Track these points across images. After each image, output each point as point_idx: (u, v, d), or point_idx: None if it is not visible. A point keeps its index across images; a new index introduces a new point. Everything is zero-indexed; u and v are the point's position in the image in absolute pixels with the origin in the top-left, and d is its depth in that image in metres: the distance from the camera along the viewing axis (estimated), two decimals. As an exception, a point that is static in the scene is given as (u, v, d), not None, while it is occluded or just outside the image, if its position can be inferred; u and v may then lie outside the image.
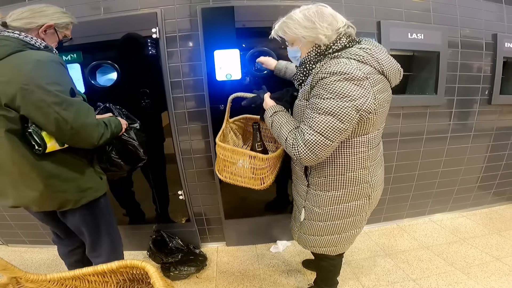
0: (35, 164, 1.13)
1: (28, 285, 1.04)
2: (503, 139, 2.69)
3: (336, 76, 0.97)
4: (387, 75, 1.07)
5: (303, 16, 1.08)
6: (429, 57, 2.23)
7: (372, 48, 1.05)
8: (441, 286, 1.87)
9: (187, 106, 2.00)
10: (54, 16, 1.17)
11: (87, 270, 0.96)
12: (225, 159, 1.43)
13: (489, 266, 2.05)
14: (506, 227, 2.60)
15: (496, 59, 2.37)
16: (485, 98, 2.49)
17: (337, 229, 1.34)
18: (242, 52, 1.84)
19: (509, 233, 2.50)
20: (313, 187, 1.28)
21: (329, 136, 1.01)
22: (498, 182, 2.88)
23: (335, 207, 1.27)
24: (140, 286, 1.01)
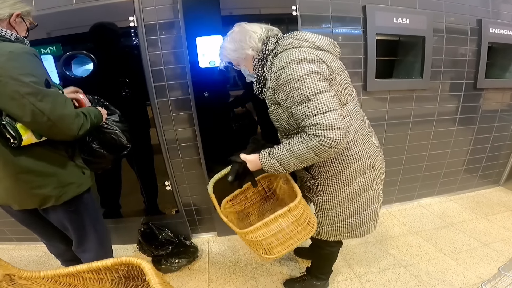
0: (10, 158, 1.10)
1: (21, 282, 1.02)
2: (488, 122, 2.74)
3: (288, 66, 1.03)
4: (324, 49, 1.13)
5: (230, 39, 1.22)
6: (415, 41, 2.23)
7: (296, 34, 1.15)
8: (431, 273, 1.90)
9: (170, 94, 1.97)
10: (17, 5, 1.14)
11: (82, 267, 0.94)
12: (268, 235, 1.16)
13: (477, 252, 2.09)
14: (493, 211, 2.66)
15: (481, 44, 2.39)
16: (470, 82, 2.52)
17: (354, 210, 1.33)
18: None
19: (495, 217, 2.55)
20: (318, 177, 1.28)
21: (333, 106, 1.00)
22: (484, 165, 2.94)
23: (345, 189, 1.27)
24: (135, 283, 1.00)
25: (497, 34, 2.39)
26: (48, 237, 1.49)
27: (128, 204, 2.23)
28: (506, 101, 2.76)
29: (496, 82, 2.63)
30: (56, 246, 1.53)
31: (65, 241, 1.47)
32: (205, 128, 2.01)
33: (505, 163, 3.04)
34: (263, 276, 1.96)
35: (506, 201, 2.84)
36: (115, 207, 2.21)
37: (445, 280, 1.82)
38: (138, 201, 2.22)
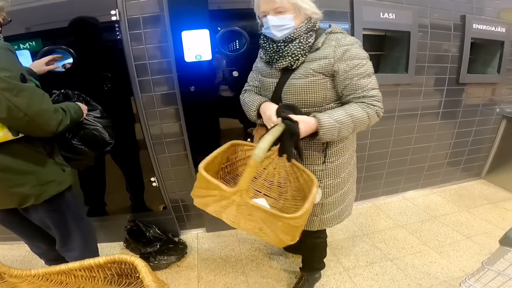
0: None
1: (12, 280, 0.99)
2: (470, 116, 2.81)
3: (355, 45, 1.13)
4: None
5: None
6: (400, 37, 2.25)
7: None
8: (417, 266, 1.94)
9: (155, 89, 1.93)
10: None
11: (73, 265, 0.92)
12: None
13: (460, 245, 2.15)
14: (475, 204, 2.74)
15: (464, 40, 2.43)
16: (453, 77, 2.57)
17: (349, 190, 1.44)
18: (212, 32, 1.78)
19: (477, 210, 2.63)
20: (330, 159, 1.30)
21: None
22: (466, 158, 3.02)
23: (349, 168, 1.38)
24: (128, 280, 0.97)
25: (480, 30, 2.44)
26: (29, 237, 1.45)
27: (113, 201, 2.19)
28: (487, 95, 2.84)
29: (478, 77, 2.69)
30: (38, 246, 1.49)
31: (47, 241, 1.44)
32: (192, 123, 1.98)
33: (486, 156, 3.14)
34: (253, 272, 1.96)
35: (487, 194, 2.93)
36: (100, 205, 2.17)
37: (430, 273, 1.87)
38: (124, 198, 2.18)
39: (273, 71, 1.25)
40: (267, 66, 1.28)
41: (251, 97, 1.32)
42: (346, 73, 1.12)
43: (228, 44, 1.84)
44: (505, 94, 2.91)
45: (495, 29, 2.50)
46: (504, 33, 2.54)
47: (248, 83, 1.45)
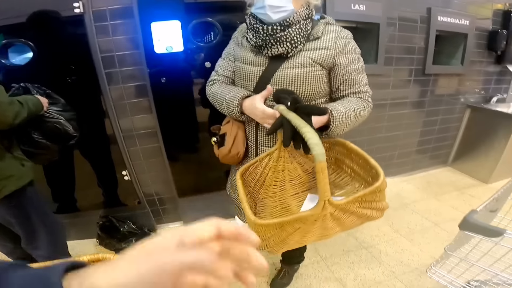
0: None
1: None
2: (435, 105, 2.93)
3: (352, 39, 1.12)
4: None
5: None
6: (370, 28, 2.31)
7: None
8: (390, 254, 2.02)
9: (124, 81, 1.87)
10: None
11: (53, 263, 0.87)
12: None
13: (430, 232, 2.25)
14: (442, 191, 2.87)
15: (430, 32, 2.52)
16: (420, 68, 2.67)
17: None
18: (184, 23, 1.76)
19: (444, 197, 2.76)
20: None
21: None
22: (433, 146, 3.16)
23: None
24: None
25: (445, 23, 2.54)
26: None
27: (85, 197, 2.13)
28: (452, 86, 2.97)
29: (443, 68, 2.82)
30: (4, 244, 1.44)
31: (12, 240, 1.39)
32: (164, 115, 1.96)
33: (452, 144, 3.30)
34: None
35: (454, 180, 3.09)
36: (70, 201, 2.10)
37: (402, 261, 1.95)
38: (96, 194, 2.12)
39: (260, 58, 1.11)
40: (252, 52, 1.13)
41: (227, 89, 1.16)
42: (346, 68, 1.08)
43: (200, 36, 1.82)
44: (468, 84, 3.06)
45: (459, 22, 2.60)
46: (468, 25, 2.66)
47: (217, 73, 1.28)
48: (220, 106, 1.19)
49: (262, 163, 1.11)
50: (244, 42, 1.15)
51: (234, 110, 1.11)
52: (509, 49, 2.93)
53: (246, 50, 1.15)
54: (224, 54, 1.28)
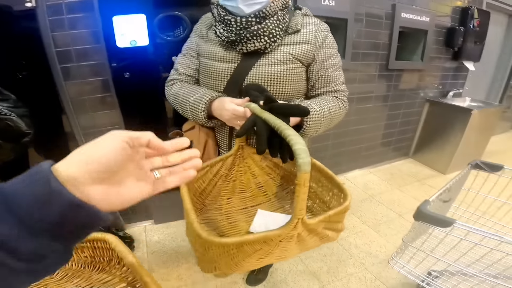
0: None
1: None
2: (398, 99, 3.06)
3: (330, 33, 1.04)
4: None
5: None
6: (339, 24, 2.33)
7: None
8: (359, 246, 2.08)
9: (83, 76, 1.75)
10: None
11: None
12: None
13: (395, 223, 2.35)
14: (405, 182, 3.02)
15: (394, 28, 2.61)
16: (384, 63, 2.76)
17: None
18: (150, 16, 1.69)
19: (407, 188, 2.91)
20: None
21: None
22: (396, 139, 3.31)
23: None
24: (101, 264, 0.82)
25: (408, 19, 2.63)
26: None
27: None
28: (413, 81, 3.11)
29: (405, 63, 2.93)
30: None
31: None
32: (129, 110, 1.88)
33: (413, 136, 3.47)
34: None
35: (415, 172, 3.25)
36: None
37: (371, 252, 2.02)
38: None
39: (231, 54, 0.98)
40: (221, 47, 1.00)
41: (191, 90, 1.00)
42: (322, 63, 1.01)
43: (168, 30, 1.76)
44: (428, 79, 3.22)
45: (420, 18, 2.71)
46: (428, 22, 2.78)
47: (177, 71, 1.11)
48: (183, 110, 1.02)
49: (212, 170, 0.97)
50: (211, 35, 1.03)
51: (200, 115, 0.95)
52: (465, 46, 3.11)
53: (214, 44, 1.01)
54: (184, 49, 1.12)
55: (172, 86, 1.09)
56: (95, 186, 0.34)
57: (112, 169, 0.35)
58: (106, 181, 0.35)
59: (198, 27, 1.09)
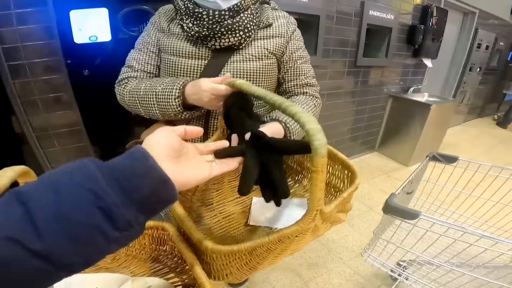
0: None
1: None
2: (364, 95, 3.13)
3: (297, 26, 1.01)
4: None
5: None
6: (312, 21, 2.31)
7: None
8: (336, 240, 2.10)
9: (34, 74, 1.58)
10: None
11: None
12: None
13: (366, 216, 2.40)
14: (373, 175, 3.11)
15: (362, 26, 2.64)
16: (352, 60, 2.80)
17: None
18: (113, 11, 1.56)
19: (375, 181, 3.00)
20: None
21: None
22: (363, 133, 3.40)
23: None
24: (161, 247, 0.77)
25: (375, 17, 2.68)
26: None
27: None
28: (378, 77, 3.19)
29: (371, 60, 2.99)
30: None
31: None
32: (89, 110, 1.73)
33: (378, 130, 3.59)
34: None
35: (381, 165, 3.37)
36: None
37: (348, 246, 2.05)
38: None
39: (201, 50, 0.89)
40: (188, 42, 0.90)
41: (155, 82, 0.87)
42: (291, 55, 0.96)
43: (134, 25, 1.65)
44: (391, 76, 3.33)
45: (386, 16, 2.78)
46: (393, 19, 2.86)
47: (131, 68, 0.97)
48: (146, 106, 0.88)
49: None
50: (174, 29, 0.92)
51: (173, 104, 0.81)
52: (424, 43, 3.24)
53: (179, 39, 0.91)
54: (140, 44, 0.98)
55: (126, 84, 0.96)
56: (169, 163, 0.39)
57: (178, 151, 0.43)
58: (175, 160, 0.42)
59: (156, 21, 0.97)
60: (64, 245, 0.30)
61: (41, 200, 0.30)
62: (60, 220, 0.30)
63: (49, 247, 0.29)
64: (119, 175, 0.34)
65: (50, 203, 0.30)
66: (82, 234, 0.31)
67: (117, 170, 0.34)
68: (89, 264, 0.33)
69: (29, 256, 0.28)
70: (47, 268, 0.30)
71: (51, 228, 0.29)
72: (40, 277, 0.30)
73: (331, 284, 1.73)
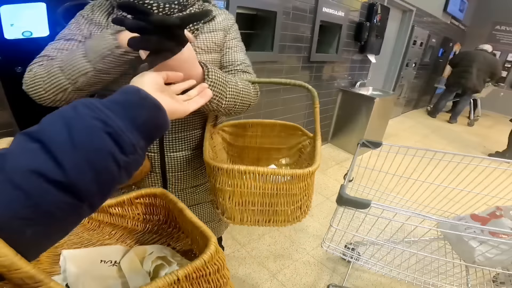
0: None
1: None
2: (317, 89, 3.14)
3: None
4: None
5: None
6: (269, 16, 2.33)
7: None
8: (298, 231, 2.18)
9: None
10: None
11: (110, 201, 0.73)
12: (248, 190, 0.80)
13: (324, 206, 2.52)
14: (327, 166, 3.27)
15: (315, 22, 2.73)
16: (306, 56, 2.89)
17: None
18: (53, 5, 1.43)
19: (329, 171, 3.16)
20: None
21: None
22: (316, 126, 3.53)
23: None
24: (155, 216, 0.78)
25: (327, 13, 2.79)
26: None
27: None
28: (329, 72, 3.35)
29: (323, 56, 3.12)
30: None
31: None
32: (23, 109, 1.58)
33: (330, 123, 3.77)
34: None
35: (334, 155, 3.56)
36: None
37: (310, 237, 2.14)
38: None
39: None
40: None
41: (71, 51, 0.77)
42: (228, 42, 0.96)
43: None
44: (340, 70, 3.51)
45: (337, 13, 2.90)
46: (343, 17, 3.00)
47: (49, 57, 0.82)
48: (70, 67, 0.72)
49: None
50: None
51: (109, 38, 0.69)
52: (369, 39, 3.46)
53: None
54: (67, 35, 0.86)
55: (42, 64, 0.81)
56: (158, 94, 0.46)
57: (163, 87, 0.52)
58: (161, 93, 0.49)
59: (89, 15, 0.87)
60: (84, 173, 0.32)
61: (54, 134, 0.32)
62: (77, 149, 0.32)
63: (71, 178, 0.31)
64: (119, 105, 0.38)
65: (64, 135, 0.32)
66: (97, 160, 0.33)
67: (115, 102, 0.38)
68: (105, 195, 0.36)
69: (54, 188, 0.30)
70: (72, 202, 0.32)
71: (70, 157, 0.31)
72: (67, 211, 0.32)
73: (298, 275, 1.81)
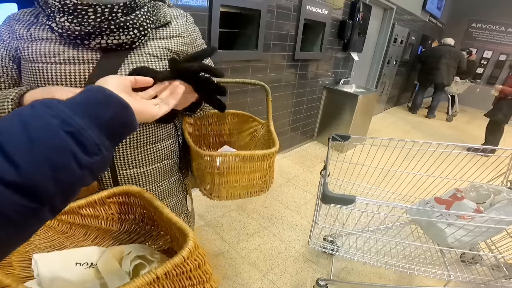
0: None
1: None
2: (302, 87, 3.28)
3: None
4: None
5: None
6: (253, 15, 2.32)
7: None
8: (286, 230, 2.19)
9: None
10: None
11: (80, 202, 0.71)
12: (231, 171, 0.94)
13: (311, 203, 2.54)
14: (313, 163, 3.30)
15: (299, 20, 2.75)
16: (291, 54, 2.90)
17: None
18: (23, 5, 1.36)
19: (315, 168, 3.19)
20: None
21: None
22: (302, 124, 3.57)
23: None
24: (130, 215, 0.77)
25: (311, 12, 2.80)
26: None
27: None
28: (313, 70, 3.37)
29: (307, 54, 3.14)
30: None
31: None
32: None
33: (315, 120, 3.81)
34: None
35: (320, 153, 3.60)
36: None
37: (298, 235, 2.16)
38: None
39: (83, 53, 0.73)
40: (63, 45, 0.73)
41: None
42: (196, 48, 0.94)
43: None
44: (324, 68, 3.54)
45: (320, 11, 2.93)
46: (327, 15, 3.03)
47: None
48: None
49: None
50: (38, 34, 0.74)
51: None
52: (352, 37, 3.50)
53: (49, 43, 0.73)
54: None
55: None
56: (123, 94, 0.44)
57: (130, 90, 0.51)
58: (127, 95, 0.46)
59: (7, 30, 0.77)
60: (41, 173, 0.31)
61: (9, 132, 0.31)
62: (33, 146, 0.31)
63: (27, 177, 0.30)
64: (80, 104, 0.37)
65: (20, 133, 0.31)
66: (56, 159, 0.32)
67: (76, 101, 0.37)
68: (67, 197, 0.35)
69: (9, 190, 0.29)
70: (30, 204, 0.30)
71: (26, 157, 0.30)
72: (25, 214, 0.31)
73: (289, 273, 1.82)
